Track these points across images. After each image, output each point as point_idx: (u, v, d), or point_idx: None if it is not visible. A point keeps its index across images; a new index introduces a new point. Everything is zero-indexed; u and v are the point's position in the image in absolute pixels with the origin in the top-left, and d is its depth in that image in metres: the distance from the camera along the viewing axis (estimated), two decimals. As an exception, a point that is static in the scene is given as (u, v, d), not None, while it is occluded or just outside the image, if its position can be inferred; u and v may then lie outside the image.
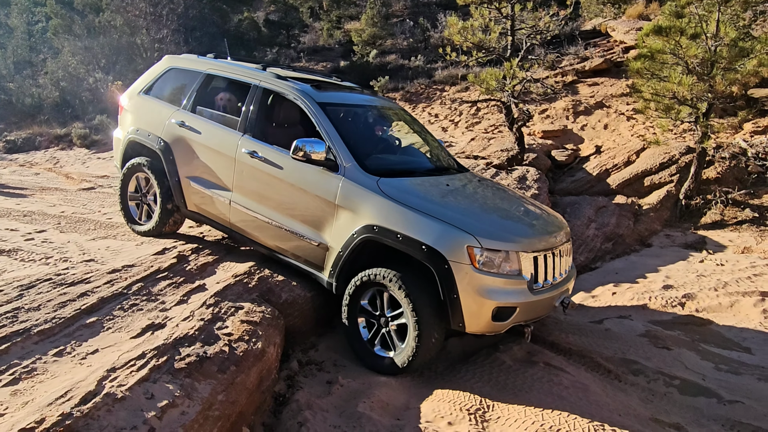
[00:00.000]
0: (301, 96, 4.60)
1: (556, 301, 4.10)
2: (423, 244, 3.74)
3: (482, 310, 3.69)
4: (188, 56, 5.73)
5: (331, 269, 4.27)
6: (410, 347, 3.84)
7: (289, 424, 3.34)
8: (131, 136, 5.51)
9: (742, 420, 3.59)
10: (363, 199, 4.06)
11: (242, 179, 4.73)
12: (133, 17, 20.50)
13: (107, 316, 3.47)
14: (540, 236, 4.05)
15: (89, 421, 2.30)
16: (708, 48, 7.98)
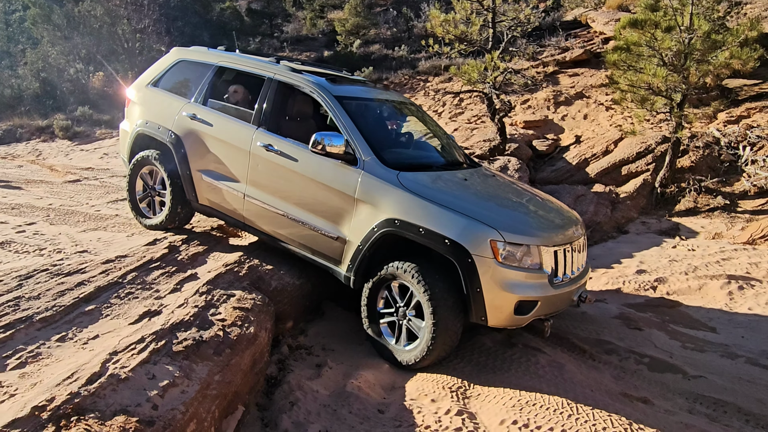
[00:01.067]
0: (318, 89, 4.59)
1: (574, 295, 4.17)
2: (446, 238, 3.76)
3: (505, 303, 3.72)
4: (198, 48, 5.70)
5: (349, 263, 4.26)
6: (426, 340, 3.86)
7: (281, 403, 3.53)
8: (140, 128, 5.43)
9: (705, 393, 3.85)
10: (383, 193, 4.06)
11: (257, 173, 4.70)
12: (114, 6, 20.30)
13: (105, 303, 3.61)
14: (559, 230, 4.11)
15: (96, 399, 2.46)
16: (682, 40, 8.24)
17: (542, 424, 3.27)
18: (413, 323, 4.02)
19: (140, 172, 5.43)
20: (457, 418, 3.37)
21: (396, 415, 3.51)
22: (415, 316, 4.01)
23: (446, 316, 3.81)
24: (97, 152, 14.36)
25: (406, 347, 4.06)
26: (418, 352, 3.94)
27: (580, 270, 4.29)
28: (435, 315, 3.79)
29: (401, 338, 4.12)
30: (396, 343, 4.14)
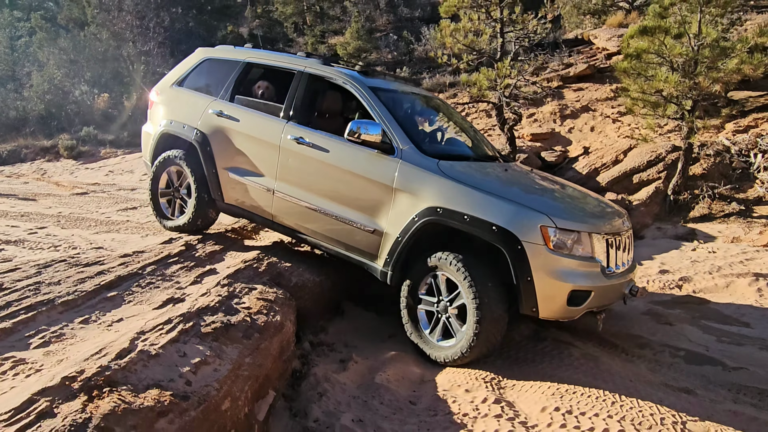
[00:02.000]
0: (352, 80, 4.49)
1: (626, 288, 4.00)
2: (493, 225, 3.59)
3: (557, 293, 3.52)
4: (224, 47, 5.62)
5: (387, 257, 4.06)
6: (469, 335, 3.67)
7: (310, 394, 3.38)
8: (164, 128, 5.31)
9: (748, 384, 3.71)
10: (424, 182, 3.90)
11: (287, 167, 4.56)
12: (120, 30, 20.53)
13: (126, 291, 3.49)
14: (607, 220, 3.97)
15: (127, 373, 2.33)
16: (691, 47, 8.27)
17: (586, 410, 3.12)
18: (456, 317, 3.82)
19: (163, 173, 5.29)
20: (495, 405, 3.22)
21: (430, 405, 3.36)
22: (457, 309, 3.81)
23: (491, 308, 3.61)
24: (102, 170, 14.31)
25: (446, 343, 3.86)
26: (459, 348, 3.73)
27: (629, 263, 4.13)
28: (480, 307, 3.60)
29: (436, 331, 3.95)
30: (435, 337, 3.96)
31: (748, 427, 3.09)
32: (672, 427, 2.98)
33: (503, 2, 8.99)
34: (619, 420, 3.01)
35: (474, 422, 3.08)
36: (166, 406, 2.20)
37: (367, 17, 27.23)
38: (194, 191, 5.05)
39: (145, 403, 2.15)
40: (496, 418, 3.08)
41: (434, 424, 3.10)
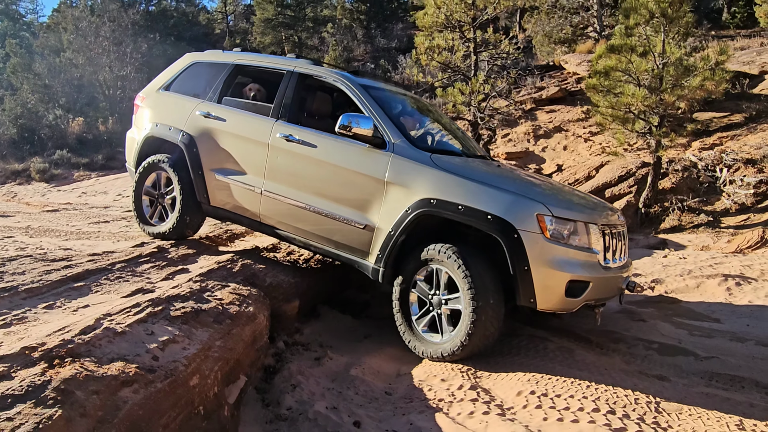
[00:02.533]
0: (342, 78, 4.47)
1: (623, 283, 3.95)
2: (488, 214, 3.52)
3: (555, 283, 3.44)
4: (212, 51, 5.58)
5: (378, 253, 3.96)
6: (465, 327, 3.54)
7: (283, 386, 3.32)
8: (149, 132, 5.20)
9: (719, 371, 3.74)
10: (417, 174, 3.85)
11: (276, 165, 4.48)
12: (96, 55, 20.50)
13: (94, 283, 3.41)
14: (603, 213, 3.96)
15: (91, 348, 2.26)
16: (656, 65, 8.58)
17: (561, 393, 3.11)
18: (451, 311, 3.71)
19: (148, 177, 5.16)
20: (471, 391, 3.20)
21: (405, 394, 3.32)
22: (452, 302, 3.71)
23: (487, 299, 3.51)
24: (75, 192, 14.09)
25: (443, 338, 3.73)
26: (456, 341, 3.58)
27: (625, 259, 4.12)
28: (475, 298, 3.49)
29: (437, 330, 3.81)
30: (432, 336, 3.83)
31: (721, 406, 3.11)
32: (646, 406, 2.99)
33: (475, 22, 9.25)
34: (594, 400, 3.00)
35: (450, 406, 3.04)
36: (130, 376, 2.13)
37: (345, 47, 27.74)
38: (179, 195, 4.92)
39: (108, 372, 2.09)
40: (472, 401, 3.05)
41: (409, 409, 3.06)
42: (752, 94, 12.81)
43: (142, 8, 28.22)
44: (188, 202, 4.92)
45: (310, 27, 30.03)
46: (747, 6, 19.03)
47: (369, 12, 28.89)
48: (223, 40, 32.45)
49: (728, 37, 18.27)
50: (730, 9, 21.06)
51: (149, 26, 24.64)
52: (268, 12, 28.87)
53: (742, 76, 13.22)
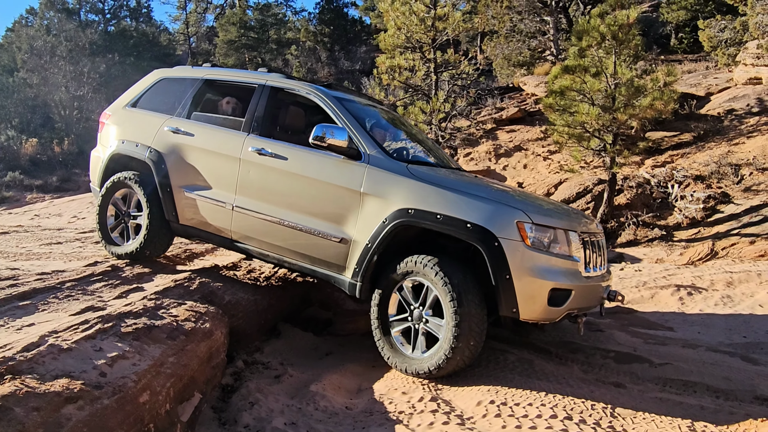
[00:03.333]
0: (315, 90, 4.39)
1: (604, 292, 3.91)
2: (467, 223, 3.46)
3: (538, 292, 3.37)
4: (181, 67, 5.46)
5: (355, 267, 3.84)
6: (448, 342, 3.43)
7: (240, 404, 3.24)
8: (115, 149, 5.02)
9: (673, 377, 3.83)
10: (393, 184, 3.77)
11: (248, 180, 4.36)
12: (51, 75, 20.02)
13: (41, 301, 3.28)
14: (581, 220, 3.93)
15: (34, 365, 2.17)
16: (608, 84, 8.91)
17: (520, 401, 3.13)
18: (431, 324, 3.60)
19: (113, 196, 4.95)
20: (432, 403, 3.19)
21: (366, 408, 3.29)
22: (432, 315, 3.60)
23: (470, 311, 3.41)
24: (27, 214, 13.60)
25: (424, 354, 3.60)
26: (438, 358, 3.47)
27: (605, 268, 4.08)
28: (457, 311, 3.40)
29: (418, 345, 3.68)
30: (413, 352, 3.69)
31: (674, 410, 3.18)
32: (602, 412, 3.03)
33: (435, 43, 9.45)
34: (552, 407, 3.03)
35: (410, 418, 3.02)
36: (75, 393, 2.05)
37: (308, 69, 27.90)
38: (147, 213, 4.73)
39: (51, 389, 2.00)
40: (432, 413, 3.04)
41: (369, 422, 3.03)
42: (700, 114, 13.41)
43: (100, 28, 27.81)
44: (156, 221, 4.74)
45: (274, 49, 30.13)
46: (693, 32, 20.01)
47: (333, 35, 29.20)
48: (185, 61, 32.18)
49: (676, 61, 19.17)
50: (678, 35, 22.11)
51: (108, 46, 24.26)
52: (231, 34, 28.86)
53: (690, 98, 13.83)
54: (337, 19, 29.64)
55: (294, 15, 34.48)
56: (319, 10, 30.61)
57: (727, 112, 13.10)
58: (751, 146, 11.06)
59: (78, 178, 17.56)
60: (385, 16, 10.02)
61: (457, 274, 3.50)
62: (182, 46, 34.24)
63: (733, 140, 11.63)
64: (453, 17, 9.44)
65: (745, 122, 12.41)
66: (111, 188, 4.95)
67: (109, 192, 4.96)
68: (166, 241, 4.94)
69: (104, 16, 29.96)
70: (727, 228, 8.53)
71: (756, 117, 12.45)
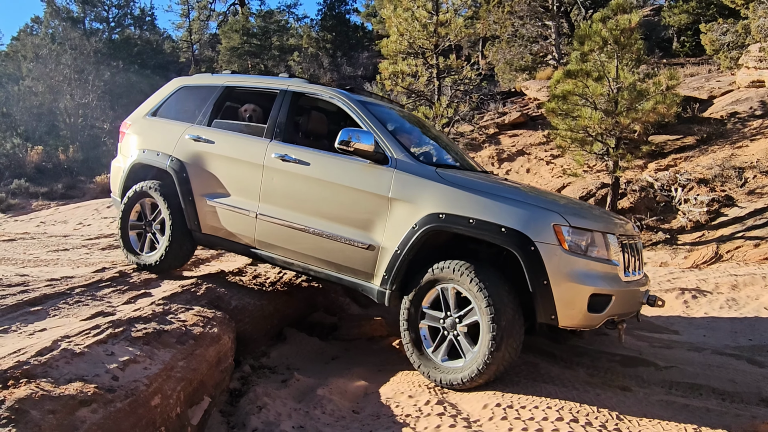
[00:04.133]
0: (339, 95, 4.32)
1: (643, 297, 3.81)
2: (502, 227, 3.35)
3: (577, 297, 3.26)
4: (201, 75, 5.48)
5: (384, 274, 3.74)
6: (484, 352, 3.31)
7: (248, 408, 3.27)
8: (136, 158, 5.00)
9: (679, 380, 3.84)
10: (423, 189, 3.68)
11: (272, 187, 4.29)
12: (56, 83, 20.16)
13: (52, 307, 3.32)
14: (618, 223, 3.82)
15: (48, 369, 2.21)
16: (611, 88, 8.95)
17: (526, 404, 3.15)
18: (466, 332, 3.47)
19: (135, 206, 4.91)
20: (438, 406, 3.21)
21: (373, 412, 3.31)
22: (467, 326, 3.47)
23: (507, 319, 3.29)
24: (33, 222, 13.66)
25: (454, 363, 3.50)
26: (474, 367, 3.36)
27: (642, 273, 3.97)
28: (494, 319, 3.27)
29: (441, 350, 3.59)
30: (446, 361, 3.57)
31: (680, 413, 3.19)
32: (608, 414, 3.05)
33: (438, 49, 9.51)
34: (558, 410, 3.05)
35: (417, 421, 3.04)
36: (89, 396, 2.09)
37: (311, 75, 28.00)
38: (169, 223, 4.68)
39: (65, 392, 2.04)
40: (439, 416, 3.06)
41: (377, 426, 3.05)
42: (702, 117, 13.43)
43: (105, 36, 28.01)
44: (178, 230, 4.68)
45: (276, 55, 30.24)
46: (695, 35, 20.05)
47: (335, 41, 29.30)
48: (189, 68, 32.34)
49: (678, 64, 19.20)
50: (680, 38, 22.15)
51: (112, 54, 24.43)
52: (233, 41, 29.00)
53: (693, 101, 13.87)
54: (339, 25, 29.75)
55: (296, 21, 34.61)
56: (321, 17, 30.74)
57: (730, 115, 13.12)
58: (754, 149, 11.07)
59: (83, 185, 17.66)
60: (388, 23, 10.10)
61: (493, 280, 3.38)
62: (185, 53, 34.43)
63: (737, 143, 11.65)
64: (455, 23, 9.51)
65: (748, 125, 12.43)
66: (132, 198, 4.91)
67: (130, 202, 4.92)
68: (188, 250, 4.88)
69: (108, 24, 30.19)
70: (731, 231, 8.53)
71: (759, 120, 12.46)
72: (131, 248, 4.92)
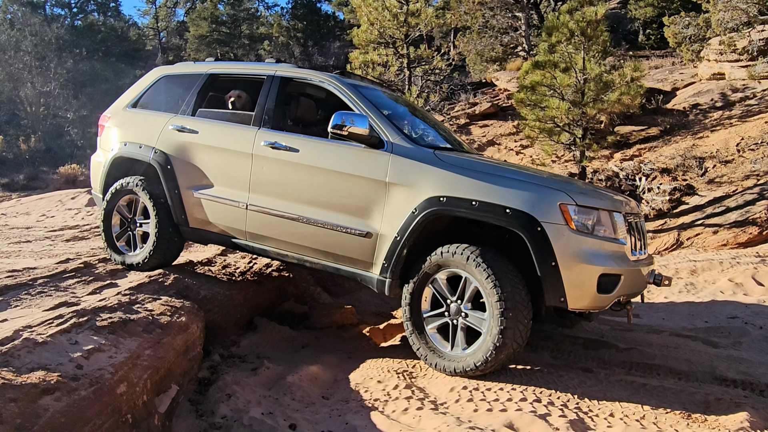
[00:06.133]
0: (329, 78, 4.18)
1: (649, 277, 3.76)
2: (506, 208, 3.25)
3: (586, 278, 3.18)
4: (183, 63, 5.32)
5: (384, 262, 3.63)
6: (493, 337, 3.23)
7: (218, 396, 3.27)
8: (117, 152, 4.81)
9: (638, 361, 3.99)
10: (422, 172, 3.57)
11: (262, 176, 4.16)
12: (17, 70, 19.52)
13: (13, 298, 3.26)
14: (622, 201, 3.74)
15: (9, 358, 2.18)
16: (578, 80, 9.11)
17: (491, 386, 3.23)
18: (472, 318, 3.40)
19: (117, 203, 4.74)
20: (406, 390, 3.27)
21: (342, 397, 3.36)
22: (472, 308, 3.41)
23: (516, 303, 3.22)
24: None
25: (466, 351, 3.40)
26: (483, 354, 3.27)
27: (646, 252, 3.91)
28: (503, 302, 3.19)
29: (458, 342, 3.47)
30: (452, 349, 3.48)
31: (638, 392, 3.32)
32: (570, 394, 3.15)
33: (408, 39, 9.53)
34: (522, 391, 3.14)
35: (385, 405, 3.10)
36: (52, 384, 2.07)
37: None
38: (154, 219, 4.53)
39: (28, 381, 2.02)
40: (407, 399, 3.13)
41: (346, 410, 3.10)
42: (666, 109, 13.79)
43: (67, 22, 27.18)
44: (165, 226, 4.54)
45: (246, 44, 29.85)
46: (660, 29, 20.50)
47: (306, 30, 29.05)
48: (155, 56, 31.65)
49: (644, 57, 19.62)
50: (645, 31, 22.62)
51: (75, 41, 23.73)
52: (202, 29, 28.48)
53: (657, 93, 14.20)
54: (310, 14, 29.50)
55: (266, 10, 34.23)
56: (292, 5, 30.43)
57: (692, 106, 13.50)
58: (714, 140, 11.43)
59: (46, 176, 17.19)
60: (358, 12, 10.07)
61: (499, 264, 3.29)
62: (152, 41, 33.69)
63: (698, 134, 12.00)
64: (425, 13, 9.54)
65: (709, 116, 12.81)
66: (115, 194, 4.75)
67: (113, 198, 4.76)
68: (176, 247, 4.74)
69: (71, 10, 29.30)
70: (691, 219, 8.82)
71: (719, 111, 12.86)
72: (115, 247, 4.77)
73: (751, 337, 4.40)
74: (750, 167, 9.89)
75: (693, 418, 2.95)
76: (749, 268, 6.26)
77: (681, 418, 2.94)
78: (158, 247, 4.56)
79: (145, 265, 4.59)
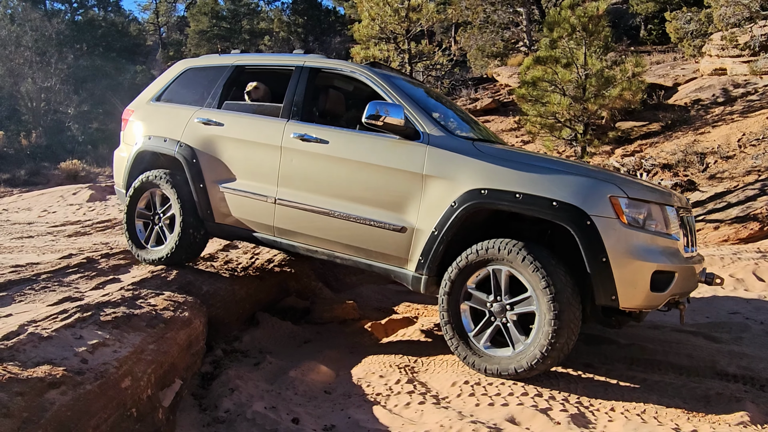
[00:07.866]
0: (361, 68, 4.09)
1: (701, 275, 3.57)
2: (553, 201, 3.09)
3: (639, 275, 3.01)
4: (208, 56, 5.23)
5: (420, 258, 3.49)
6: (543, 338, 3.05)
7: (221, 390, 3.29)
8: (141, 146, 4.76)
9: (639, 357, 4.00)
10: (460, 164, 3.43)
11: (291, 169, 4.04)
12: (17, 66, 19.51)
13: (17, 293, 3.28)
14: (674, 195, 3.57)
15: (14, 353, 2.20)
16: (579, 75, 9.11)
17: (493, 381, 3.25)
18: (519, 317, 3.22)
19: (141, 197, 4.69)
20: (408, 385, 3.29)
21: (345, 391, 3.38)
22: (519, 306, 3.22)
23: (567, 300, 3.05)
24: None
25: (512, 352, 3.22)
26: (532, 355, 3.10)
27: (696, 250, 3.76)
28: (554, 300, 3.02)
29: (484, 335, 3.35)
30: (496, 350, 3.32)
31: (639, 387, 3.34)
32: (571, 389, 3.17)
33: (409, 34, 9.51)
34: (523, 386, 3.16)
35: (387, 399, 3.12)
36: (57, 378, 2.09)
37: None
38: (179, 213, 4.45)
39: (34, 375, 2.04)
40: (409, 393, 3.14)
41: (348, 404, 3.11)
42: (668, 104, 13.77)
43: (67, 18, 27.13)
44: (189, 221, 4.47)
45: (247, 39, 29.80)
46: (661, 24, 20.45)
47: (306, 25, 29.00)
48: (156, 52, 31.63)
49: (645, 52, 19.58)
50: (647, 26, 22.56)
51: (75, 36, 23.71)
52: (202, 24, 28.44)
53: (659, 88, 14.19)
54: (311, 9, 29.43)
55: (267, 5, 34.14)
56: (293, 0, 30.33)
57: (694, 102, 13.48)
58: (716, 135, 11.42)
59: (47, 172, 17.21)
60: (359, 7, 10.05)
61: (548, 259, 3.12)
62: (152, 36, 33.64)
63: (699, 129, 11.99)
64: (426, 8, 9.53)
65: (710, 112, 12.80)
66: (139, 189, 4.68)
67: (136, 193, 4.70)
68: (200, 243, 4.67)
69: (71, 5, 29.24)
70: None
71: (721, 107, 12.84)
72: (138, 242, 4.73)
73: (752, 332, 4.41)
74: (751, 163, 9.89)
75: (693, 412, 2.96)
76: (750, 264, 6.28)
77: (681, 412, 2.95)
78: (182, 243, 4.49)
79: (168, 259, 4.54)
